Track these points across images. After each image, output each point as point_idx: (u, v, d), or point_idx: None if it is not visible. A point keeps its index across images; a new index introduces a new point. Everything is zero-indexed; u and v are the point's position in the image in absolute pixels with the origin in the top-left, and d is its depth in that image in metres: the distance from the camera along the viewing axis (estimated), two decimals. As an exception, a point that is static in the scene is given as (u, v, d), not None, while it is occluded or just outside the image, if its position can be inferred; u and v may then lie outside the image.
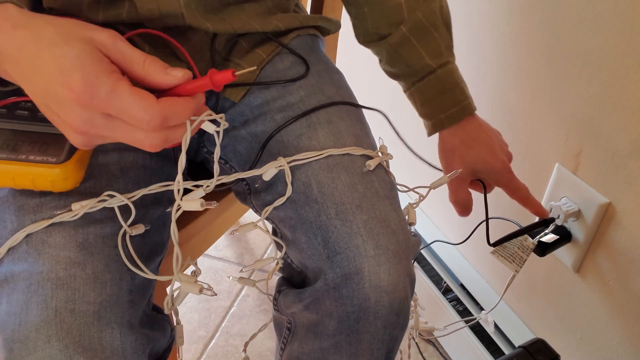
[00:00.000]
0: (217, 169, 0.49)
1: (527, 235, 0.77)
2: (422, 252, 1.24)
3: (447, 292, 1.16)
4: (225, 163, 0.66)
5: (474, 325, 1.08)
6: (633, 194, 0.72)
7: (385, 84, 1.26)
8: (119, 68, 0.41)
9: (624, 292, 0.77)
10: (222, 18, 0.61)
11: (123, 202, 0.50)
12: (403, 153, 0.70)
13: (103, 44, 0.41)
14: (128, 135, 0.41)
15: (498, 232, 0.79)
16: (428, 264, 1.22)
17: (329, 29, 0.72)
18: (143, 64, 0.41)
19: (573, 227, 0.81)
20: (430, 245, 1.23)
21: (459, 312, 1.12)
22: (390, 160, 0.61)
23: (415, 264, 1.21)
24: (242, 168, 0.64)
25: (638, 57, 0.68)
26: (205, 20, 0.59)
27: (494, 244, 0.77)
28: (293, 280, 0.64)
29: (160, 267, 0.61)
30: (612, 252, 0.77)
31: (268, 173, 0.56)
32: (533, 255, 0.80)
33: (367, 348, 0.55)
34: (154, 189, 0.52)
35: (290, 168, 0.56)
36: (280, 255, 0.60)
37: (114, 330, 0.47)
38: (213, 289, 0.49)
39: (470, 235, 0.80)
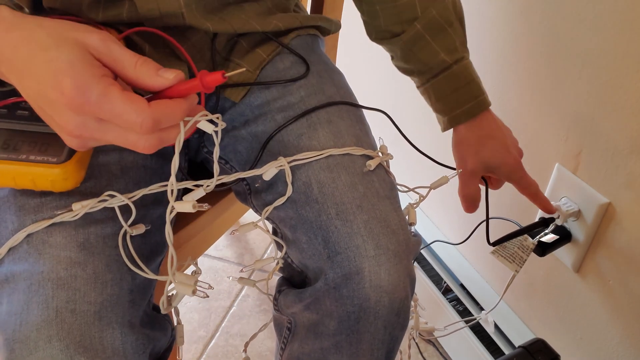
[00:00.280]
0: (217, 169, 0.49)
1: (527, 235, 0.77)
2: (422, 252, 1.24)
3: (447, 292, 1.16)
4: (226, 163, 0.66)
5: (474, 325, 1.08)
6: (633, 194, 0.72)
7: (386, 84, 1.26)
8: (111, 71, 0.41)
9: (624, 292, 0.77)
10: (222, 18, 0.61)
11: (123, 202, 0.50)
12: (403, 153, 0.70)
13: (94, 47, 0.41)
14: (121, 138, 0.41)
15: (498, 232, 0.79)
16: (428, 264, 1.22)
17: (329, 29, 0.72)
18: (134, 67, 0.41)
19: (573, 227, 0.81)
20: (430, 245, 1.23)
21: (459, 312, 1.12)
22: (391, 160, 0.61)
23: (416, 264, 1.21)
24: (242, 168, 0.64)
25: (638, 57, 0.68)
26: (205, 20, 0.59)
27: (494, 244, 0.77)
28: (293, 280, 0.64)
29: (161, 267, 0.61)
30: (612, 252, 0.77)
31: (268, 173, 0.56)
32: (533, 255, 0.80)
33: (367, 348, 0.55)
34: (154, 189, 0.52)
35: (291, 168, 0.56)
36: (281, 255, 0.60)
37: (115, 330, 0.47)
38: (206, 291, 0.49)
39: (470, 235, 0.80)
